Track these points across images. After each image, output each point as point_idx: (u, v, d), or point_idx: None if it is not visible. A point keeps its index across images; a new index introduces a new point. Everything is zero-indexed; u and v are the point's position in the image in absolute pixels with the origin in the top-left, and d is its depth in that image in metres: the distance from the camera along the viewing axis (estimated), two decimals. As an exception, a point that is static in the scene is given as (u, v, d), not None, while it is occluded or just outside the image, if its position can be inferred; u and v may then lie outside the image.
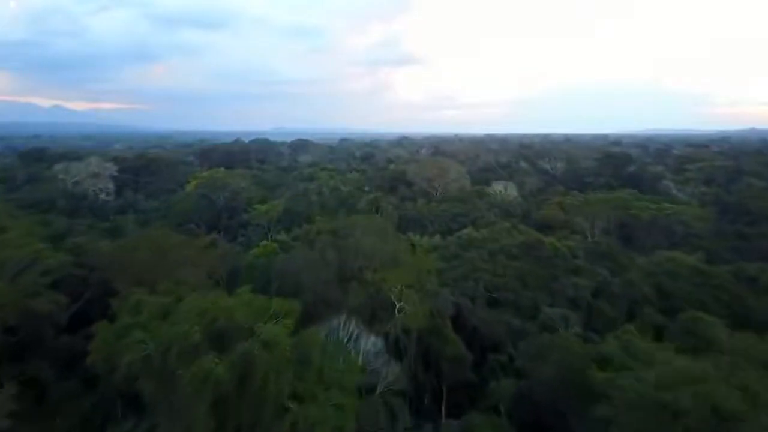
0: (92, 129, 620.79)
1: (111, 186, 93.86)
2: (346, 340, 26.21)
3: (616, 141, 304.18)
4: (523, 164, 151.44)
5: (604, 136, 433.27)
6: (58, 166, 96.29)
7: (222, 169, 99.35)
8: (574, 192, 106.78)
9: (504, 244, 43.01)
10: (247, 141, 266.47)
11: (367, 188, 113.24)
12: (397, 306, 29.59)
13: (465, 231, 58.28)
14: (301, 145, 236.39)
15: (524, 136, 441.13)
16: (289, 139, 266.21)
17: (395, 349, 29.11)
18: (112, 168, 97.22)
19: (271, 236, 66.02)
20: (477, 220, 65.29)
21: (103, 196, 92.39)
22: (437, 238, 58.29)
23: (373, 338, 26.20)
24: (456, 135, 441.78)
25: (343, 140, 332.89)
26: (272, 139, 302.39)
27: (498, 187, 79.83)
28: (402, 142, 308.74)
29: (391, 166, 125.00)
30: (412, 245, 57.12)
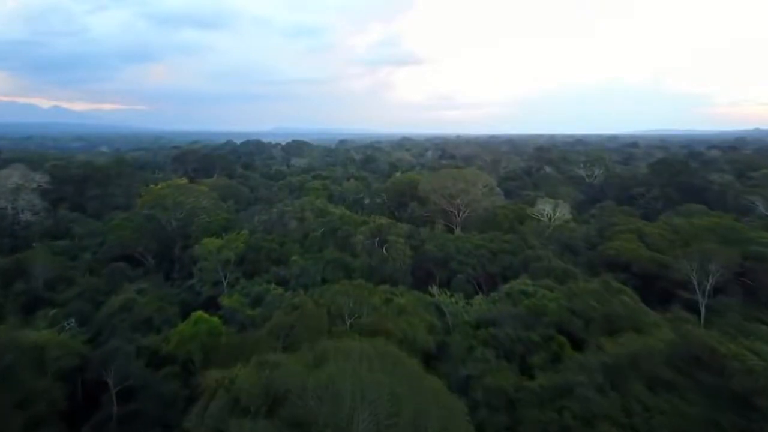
0: (91, 129, 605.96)
1: (38, 202, 72.88)
2: None
3: (633, 143, 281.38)
4: (549, 170, 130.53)
5: (614, 137, 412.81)
6: (-26, 177, 75.35)
7: (184, 179, 78.42)
8: (625, 207, 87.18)
9: (635, 353, 22.01)
10: (240, 142, 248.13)
11: (367, 200, 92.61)
12: None
13: (524, 285, 37.52)
14: (295, 147, 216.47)
15: (529, 136, 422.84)
16: (288, 140, 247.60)
17: None
18: (41, 179, 76.23)
19: (227, 283, 45.18)
20: (530, 262, 44.31)
21: (27, 215, 71.44)
22: (478, 299, 37.29)
23: None
24: (458, 136, 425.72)
25: (342, 141, 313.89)
26: (272, 139, 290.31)
27: (545, 206, 58.77)
28: (404, 143, 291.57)
29: (397, 174, 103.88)
30: (438, 309, 36.42)
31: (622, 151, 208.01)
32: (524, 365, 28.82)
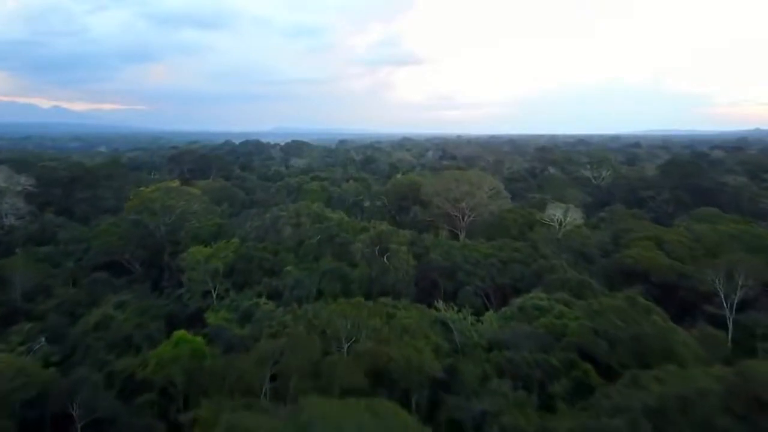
0: (91, 130, 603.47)
1: (23, 205, 69.71)
2: None
3: (635, 143, 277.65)
4: (553, 171, 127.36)
5: (616, 137, 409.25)
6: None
7: (176, 181, 75.23)
8: (635, 210, 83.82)
9: (685, 394, 18.77)
10: (239, 142, 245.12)
11: (367, 203, 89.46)
12: None
13: (538, 299, 34.40)
14: (295, 148, 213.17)
15: (530, 137, 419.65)
16: (288, 140, 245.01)
17: None
18: (26, 182, 73.00)
19: (216, 295, 41.98)
20: (543, 273, 41.13)
21: (11, 219, 68.24)
22: (489, 315, 34.09)
23: None
24: (458, 136, 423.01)
25: (342, 141, 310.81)
26: (272, 139, 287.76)
27: (556, 211, 55.55)
28: (404, 143, 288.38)
29: (398, 176, 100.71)
30: (444, 325, 33.14)
31: (626, 152, 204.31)
32: (544, 393, 25.70)
